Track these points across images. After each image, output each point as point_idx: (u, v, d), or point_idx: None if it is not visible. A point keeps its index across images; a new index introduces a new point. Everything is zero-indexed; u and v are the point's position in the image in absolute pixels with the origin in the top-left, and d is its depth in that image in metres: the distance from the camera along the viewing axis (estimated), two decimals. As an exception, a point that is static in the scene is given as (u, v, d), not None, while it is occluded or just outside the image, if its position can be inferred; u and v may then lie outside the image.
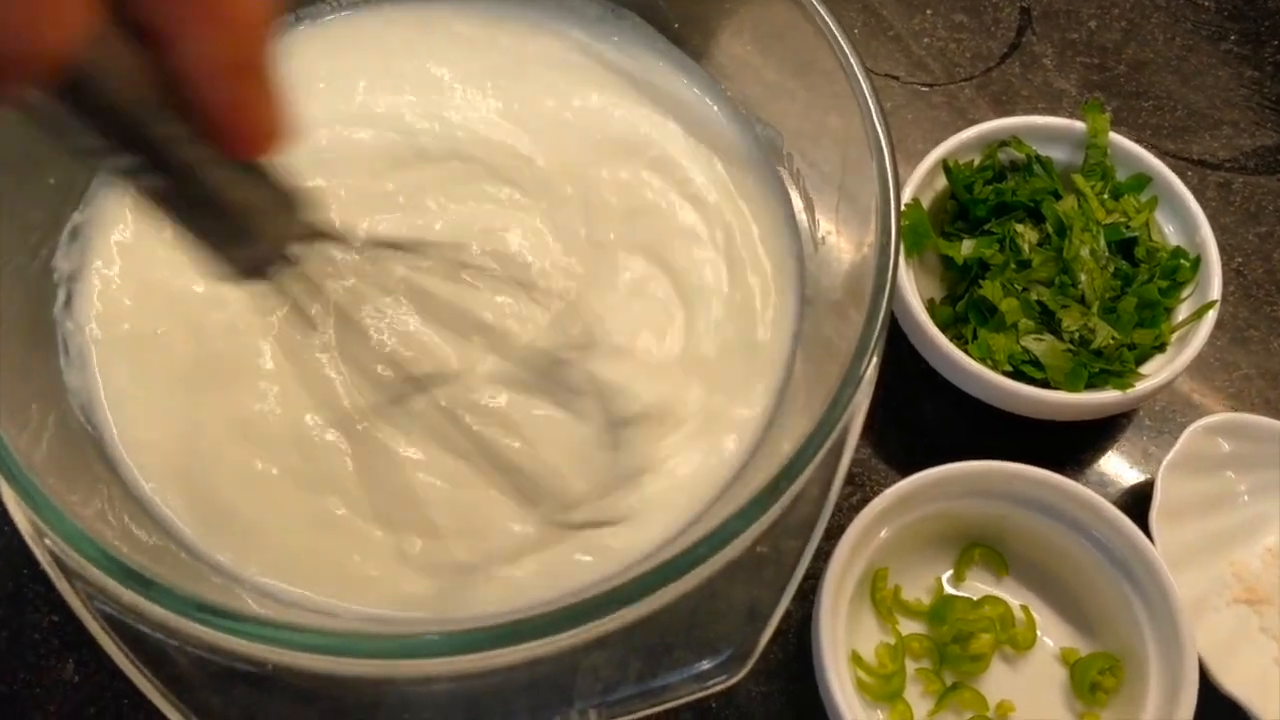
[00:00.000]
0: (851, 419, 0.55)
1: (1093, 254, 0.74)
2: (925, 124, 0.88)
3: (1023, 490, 0.68)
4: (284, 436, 0.58)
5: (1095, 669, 0.66)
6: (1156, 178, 0.78)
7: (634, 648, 0.54)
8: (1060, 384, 0.71)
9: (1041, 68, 0.92)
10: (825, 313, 0.65)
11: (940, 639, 0.67)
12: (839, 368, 0.55)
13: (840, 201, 0.65)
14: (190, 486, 0.56)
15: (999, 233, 0.75)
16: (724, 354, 0.64)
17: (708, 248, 0.67)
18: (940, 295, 0.77)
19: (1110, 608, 0.67)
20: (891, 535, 0.67)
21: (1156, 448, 0.77)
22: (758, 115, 0.71)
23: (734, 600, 0.55)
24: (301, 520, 0.55)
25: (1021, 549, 0.70)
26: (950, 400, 0.75)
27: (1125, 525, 0.66)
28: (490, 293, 0.62)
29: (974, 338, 0.73)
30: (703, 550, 0.48)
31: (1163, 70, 0.93)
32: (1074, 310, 0.72)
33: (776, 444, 0.61)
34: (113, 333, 0.61)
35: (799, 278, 0.68)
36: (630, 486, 0.58)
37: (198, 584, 0.53)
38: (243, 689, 0.50)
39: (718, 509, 0.59)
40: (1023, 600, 0.69)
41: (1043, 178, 0.77)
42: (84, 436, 0.59)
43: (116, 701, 0.64)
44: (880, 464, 0.75)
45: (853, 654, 0.65)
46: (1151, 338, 0.73)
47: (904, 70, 0.91)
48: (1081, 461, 0.77)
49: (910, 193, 0.76)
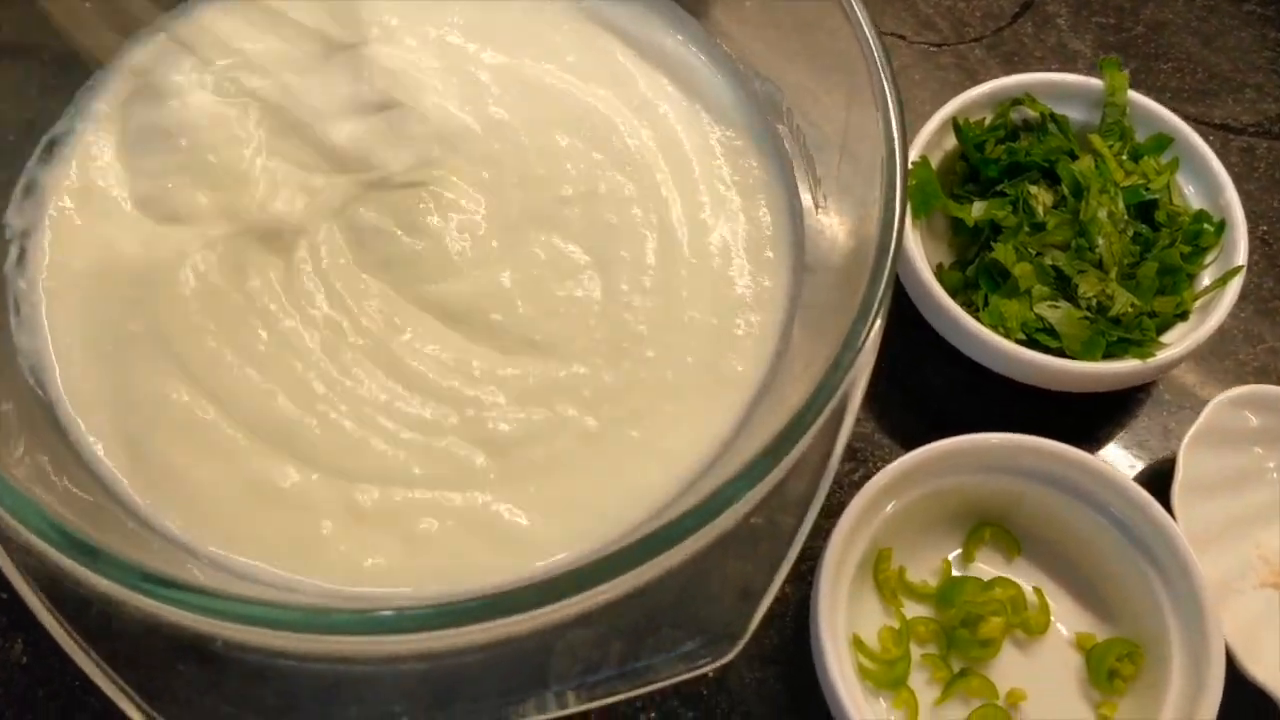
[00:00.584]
0: (853, 384, 0.51)
1: (1111, 217, 0.70)
2: (933, 85, 0.84)
3: (1037, 465, 0.64)
4: (237, 397, 0.54)
5: (1113, 655, 0.62)
6: (1178, 138, 0.74)
7: (616, 626, 0.50)
8: (1076, 353, 0.67)
9: (1055, 28, 0.88)
10: (825, 279, 0.61)
11: (948, 623, 0.64)
12: (840, 332, 0.51)
13: (842, 160, 0.62)
14: (137, 448, 0.53)
15: (1012, 194, 0.71)
16: (716, 319, 0.60)
17: (699, 208, 0.63)
18: (949, 261, 0.73)
19: (1129, 590, 0.63)
20: (896, 512, 0.64)
21: (1177, 423, 0.73)
22: (756, 70, 0.68)
23: (725, 577, 0.53)
24: (253, 485, 0.52)
25: (1034, 528, 0.66)
26: (958, 371, 0.71)
27: (1147, 502, 0.62)
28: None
29: (985, 304, 0.69)
30: (690, 522, 0.45)
31: (1182, 31, 0.89)
32: (1091, 276, 0.68)
33: (771, 413, 0.58)
34: (64, 290, 0.58)
35: (797, 241, 0.64)
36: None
37: (144, 553, 0.49)
38: (189, 666, 0.47)
39: (707, 480, 0.55)
40: (1036, 582, 0.66)
41: (1058, 137, 0.73)
42: (32, 399, 0.55)
43: (68, 683, 0.61)
44: (884, 438, 0.72)
45: (854, 638, 0.61)
46: (1173, 305, 0.69)
47: (911, 29, 0.87)
48: (1098, 437, 0.73)
49: (917, 152, 0.72)
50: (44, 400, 0.55)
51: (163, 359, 0.55)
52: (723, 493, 0.45)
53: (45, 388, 0.55)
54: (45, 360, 0.56)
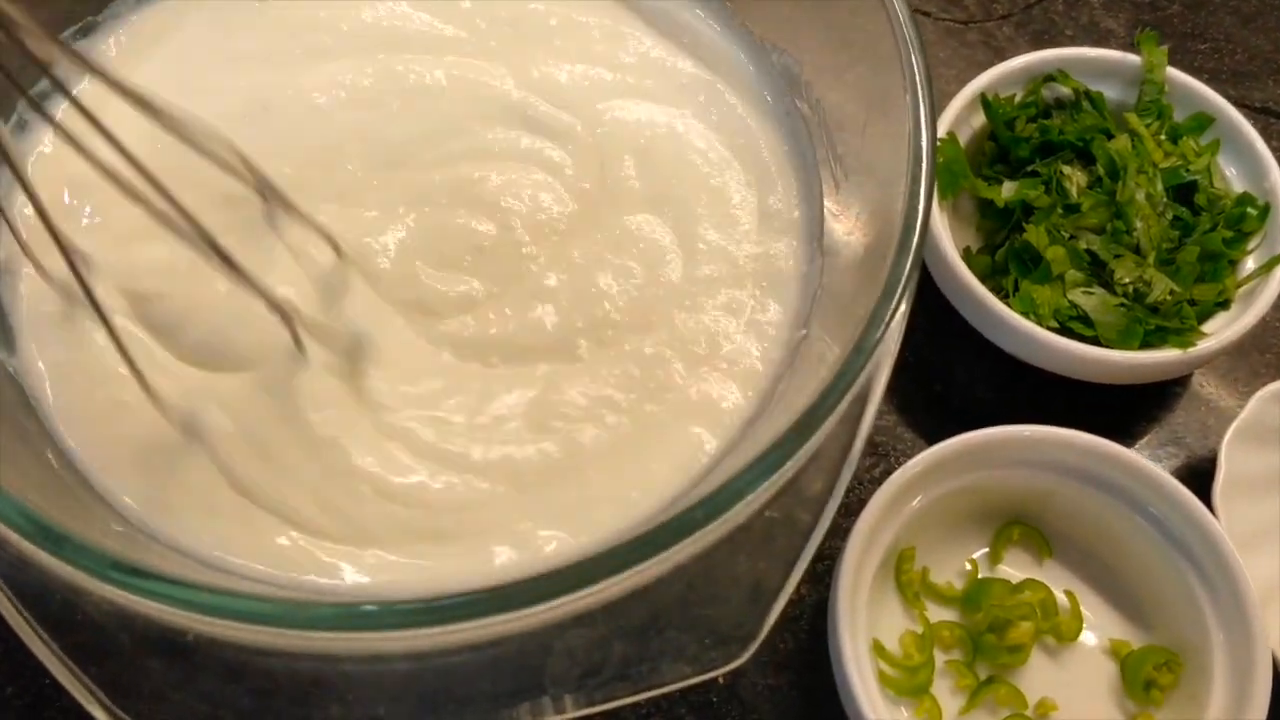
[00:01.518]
0: (876, 370, 0.49)
1: (1149, 199, 0.66)
2: (959, 63, 0.81)
3: (1069, 459, 0.61)
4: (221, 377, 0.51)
5: (1150, 664, 0.60)
6: (1220, 118, 0.71)
7: (619, 626, 0.48)
8: (1112, 341, 0.64)
9: (1087, 5, 0.84)
10: (845, 260, 0.58)
11: (974, 627, 0.61)
12: (862, 315, 0.48)
13: (865, 136, 0.59)
14: (104, 424, 0.50)
15: (1044, 174, 0.67)
16: (732, 302, 0.57)
17: (716, 186, 0.60)
18: (977, 245, 0.70)
19: (1168, 595, 0.61)
20: (919, 510, 0.61)
21: (1216, 418, 0.70)
22: (774, 42, 0.64)
23: (737, 575, 0.50)
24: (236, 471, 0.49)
25: (1066, 527, 0.63)
26: (985, 361, 0.68)
27: (1188, 500, 0.59)
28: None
29: (1015, 290, 0.66)
30: (699, 514, 0.42)
31: (1220, 10, 0.86)
32: (1128, 260, 0.65)
33: (788, 402, 0.54)
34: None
35: (815, 220, 0.61)
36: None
37: (110, 540, 0.46)
38: (159, 662, 0.45)
39: (717, 472, 0.52)
40: (1067, 585, 0.63)
41: (1092, 115, 0.70)
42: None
43: (37, 680, 0.58)
44: (906, 431, 0.68)
45: (874, 643, 0.58)
46: (1214, 293, 0.66)
47: (936, 5, 0.84)
48: (1131, 432, 0.70)
49: (944, 130, 0.68)
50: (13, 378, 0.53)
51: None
52: (733, 484, 0.42)
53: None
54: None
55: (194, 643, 0.43)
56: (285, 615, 0.39)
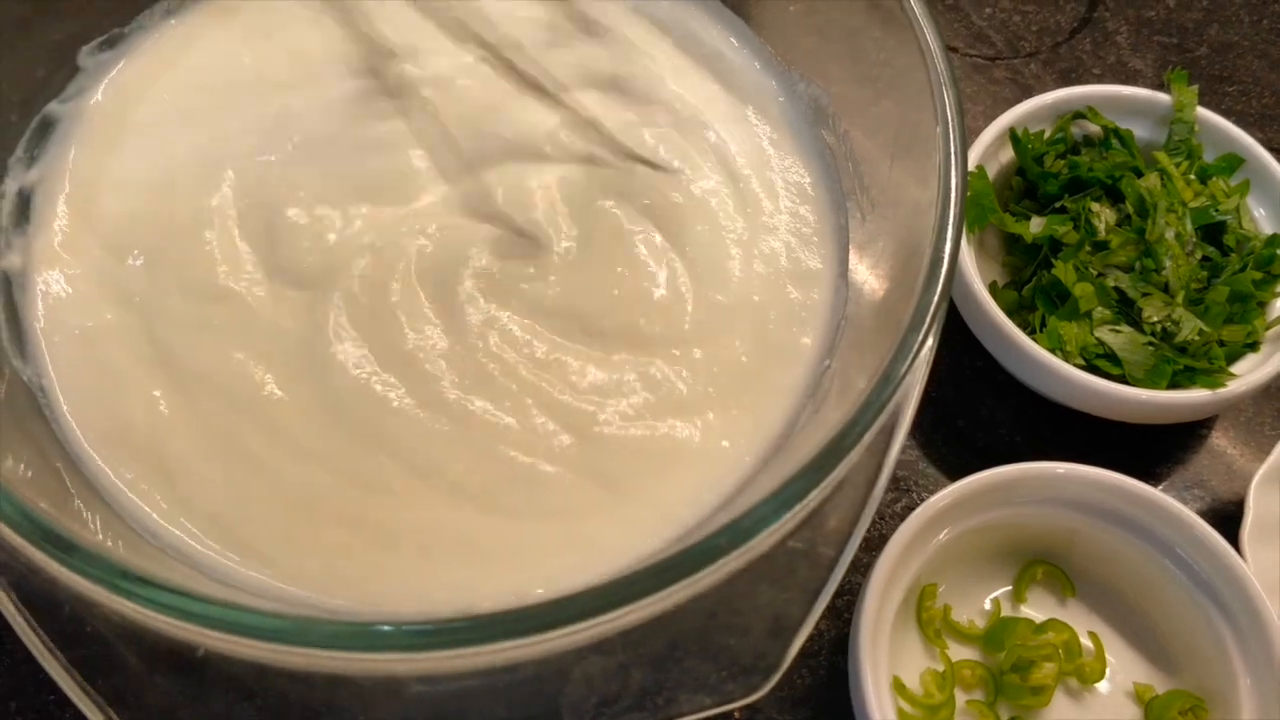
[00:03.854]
0: (904, 401, 0.48)
1: (1178, 238, 0.65)
2: (986, 99, 0.80)
3: (1094, 498, 0.60)
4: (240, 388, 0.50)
5: (1175, 709, 0.58)
6: (1250, 159, 0.70)
7: (638, 654, 0.47)
8: (1139, 380, 0.63)
9: (1114, 45, 0.84)
10: (872, 292, 0.57)
11: (996, 667, 0.59)
12: (888, 347, 0.47)
13: (894, 168, 0.58)
14: (127, 433, 0.50)
15: (1072, 210, 0.67)
16: (759, 331, 0.56)
17: (746, 213, 0.59)
18: (1002, 280, 0.69)
19: (1194, 638, 0.59)
20: (942, 546, 0.59)
21: (1242, 460, 0.69)
22: (802, 72, 0.64)
23: (758, 605, 0.49)
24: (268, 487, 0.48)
25: (1090, 567, 0.62)
26: (1008, 397, 0.68)
27: (1216, 543, 0.58)
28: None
29: (1042, 326, 0.65)
30: (723, 542, 0.41)
31: (1248, 54, 0.85)
32: (1156, 299, 0.64)
33: (813, 432, 0.53)
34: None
35: (843, 251, 0.60)
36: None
37: (119, 551, 0.45)
38: (168, 677, 0.44)
39: (739, 500, 0.51)
40: (1091, 626, 0.61)
41: (1121, 153, 0.69)
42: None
43: (40, 696, 0.57)
44: (929, 468, 0.67)
45: (895, 680, 0.57)
46: (1243, 334, 0.65)
47: (963, 42, 0.83)
48: (1156, 473, 0.69)
49: (972, 164, 0.67)
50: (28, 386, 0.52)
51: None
52: (758, 511, 0.41)
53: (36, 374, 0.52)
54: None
55: (205, 659, 0.42)
56: (293, 631, 0.38)
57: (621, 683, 0.46)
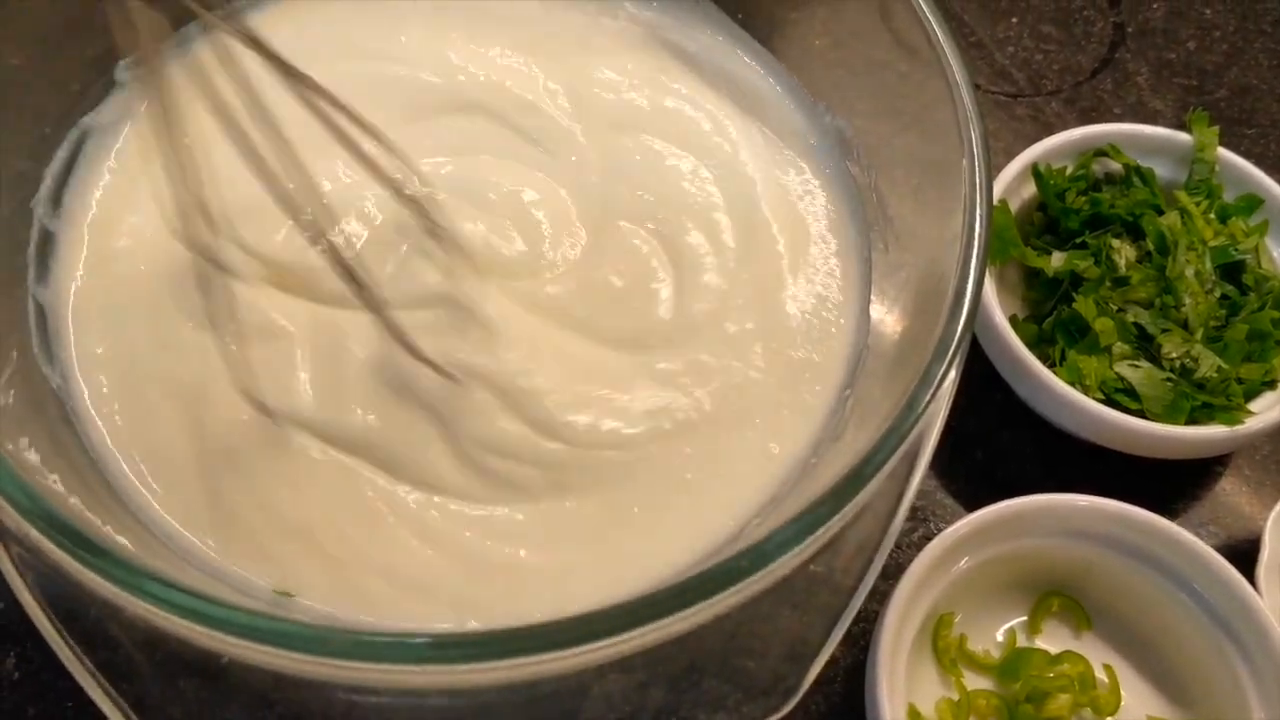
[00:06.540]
0: (926, 429, 0.48)
1: (1198, 275, 0.66)
2: (1007, 135, 0.81)
3: (1112, 531, 0.60)
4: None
5: None
6: (1270, 200, 0.71)
7: (657, 673, 0.48)
8: (1158, 416, 0.63)
9: (1135, 86, 0.85)
10: (894, 323, 0.58)
11: (1011, 697, 0.59)
12: (911, 377, 0.48)
13: (918, 200, 0.59)
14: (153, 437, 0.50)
15: (1093, 245, 0.67)
16: (780, 360, 0.56)
17: (771, 244, 0.60)
18: (1023, 313, 0.69)
19: (1209, 673, 0.59)
20: (960, 575, 0.60)
21: (1259, 498, 0.69)
22: (827, 104, 0.65)
23: (779, 628, 0.49)
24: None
25: (1106, 600, 0.62)
26: (1026, 429, 0.68)
27: (1233, 578, 0.58)
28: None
29: (1062, 360, 0.65)
30: (745, 563, 0.41)
31: (1267, 97, 0.86)
32: (1175, 335, 0.64)
33: (835, 459, 0.54)
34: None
35: (865, 281, 0.60)
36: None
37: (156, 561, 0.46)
38: (191, 683, 0.44)
39: (766, 521, 0.51)
40: (1106, 659, 0.61)
41: (1143, 190, 0.70)
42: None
43: (60, 702, 0.57)
44: (947, 498, 0.67)
45: (910, 709, 0.57)
46: (1260, 372, 0.65)
47: (985, 79, 0.84)
48: (1172, 508, 0.69)
49: (995, 197, 0.68)
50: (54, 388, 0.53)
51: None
52: (780, 534, 0.42)
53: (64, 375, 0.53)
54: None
55: (226, 667, 0.42)
56: (314, 640, 0.38)
57: (640, 701, 0.46)
